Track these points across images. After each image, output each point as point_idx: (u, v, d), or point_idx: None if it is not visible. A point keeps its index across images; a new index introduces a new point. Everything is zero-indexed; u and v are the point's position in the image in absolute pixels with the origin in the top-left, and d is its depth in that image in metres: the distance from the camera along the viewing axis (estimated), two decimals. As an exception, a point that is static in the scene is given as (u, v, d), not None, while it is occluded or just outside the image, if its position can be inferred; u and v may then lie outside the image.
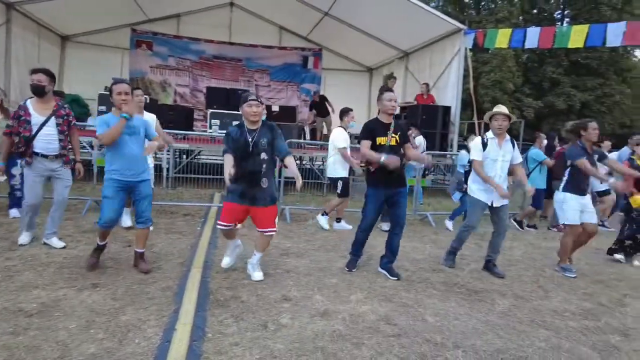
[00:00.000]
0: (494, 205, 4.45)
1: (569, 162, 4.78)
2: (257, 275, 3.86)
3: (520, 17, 29.76)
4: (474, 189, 4.52)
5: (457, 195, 6.56)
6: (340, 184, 5.84)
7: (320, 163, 9.41)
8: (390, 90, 4.42)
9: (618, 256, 5.38)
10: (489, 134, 4.49)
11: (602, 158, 4.94)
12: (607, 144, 7.81)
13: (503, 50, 25.48)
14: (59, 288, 3.35)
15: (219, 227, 3.84)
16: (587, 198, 4.79)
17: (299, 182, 3.70)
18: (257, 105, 3.69)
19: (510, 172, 4.72)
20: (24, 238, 4.34)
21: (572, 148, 4.80)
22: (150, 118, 5.13)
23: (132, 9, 11.92)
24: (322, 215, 6.07)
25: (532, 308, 3.66)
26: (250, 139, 3.68)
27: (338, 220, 6.11)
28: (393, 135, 4.11)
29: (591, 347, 3.02)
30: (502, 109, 4.44)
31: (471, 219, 4.61)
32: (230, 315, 3.11)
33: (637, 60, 32.75)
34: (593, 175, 4.70)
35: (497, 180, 4.40)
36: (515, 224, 6.97)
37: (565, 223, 4.79)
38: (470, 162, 4.84)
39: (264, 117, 5.16)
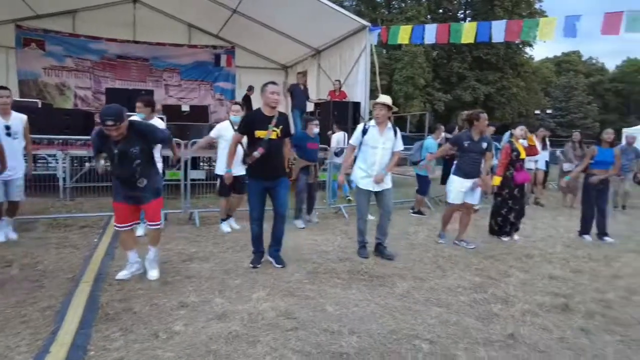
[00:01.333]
0: (376, 190, 4.65)
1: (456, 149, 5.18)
2: (153, 273, 3.80)
3: (428, 16, 31.69)
4: (357, 177, 4.69)
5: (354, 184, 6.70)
6: (218, 181, 5.58)
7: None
8: (274, 83, 4.32)
9: (504, 239, 5.79)
10: (372, 122, 4.68)
11: (489, 147, 5.31)
12: (490, 129, 8.53)
13: (414, 48, 27.00)
14: None
15: (115, 229, 3.86)
16: (470, 181, 5.16)
17: (177, 153, 3.72)
18: (116, 129, 3.39)
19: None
20: None
21: (458, 135, 5.20)
22: (19, 119, 4.71)
23: (14, 2, 10.69)
24: (221, 222, 5.81)
25: (429, 288, 3.86)
26: (115, 150, 3.55)
27: (223, 219, 5.84)
28: (274, 129, 4.11)
29: (476, 317, 3.25)
30: (381, 98, 4.64)
31: (359, 208, 4.79)
32: (118, 329, 2.89)
33: (528, 56, 36.43)
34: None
35: (378, 167, 4.61)
36: (416, 215, 7.34)
37: (448, 200, 5.27)
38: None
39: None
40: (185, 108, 10.97)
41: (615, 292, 3.88)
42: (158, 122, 5.21)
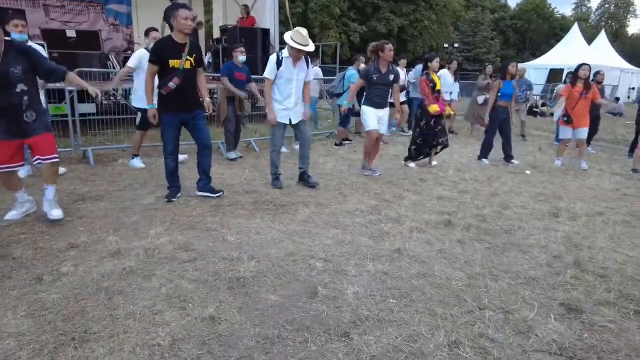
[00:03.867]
0: (292, 122, 4.65)
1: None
2: (56, 212, 3.49)
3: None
4: (274, 109, 4.59)
5: None
6: (139, 115, 5.30)
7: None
8: (187, 7, 4.06)
9: (411, 164, 6.21)
10: (284, 52, 4.50)
11: (396, 79, 5.41)
12: (402, 62, 8.79)
13: (329, -26, 25.90)
14: None
15: None
16: (383, 111, 5.34)
17: (93, 89, 3.39)
18: None
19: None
20: None
21: (366, 68, 5.23)
22: None
23: None
24: (133, 157, 5.52)
25: (330, 212, 4.05)
26: None
27: (136, 155, 5.55)
28: (188, 57, 3.89)
29: (369, 236, 3.52)
30: (300, 40, 4.33)
31: (274, 139, 4.76)
32: (-7, 277, 2.66)
33: (441, -12, 36.96)
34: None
35: (294, 99, 4.59)
36: (337, 147, 7.56)
37: (366, 130, 5.38)
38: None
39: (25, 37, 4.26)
40: (71, 34, 9.63)
41: (491, 208, 4.41)
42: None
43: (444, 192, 4.91)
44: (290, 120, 4.64)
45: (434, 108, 5.94)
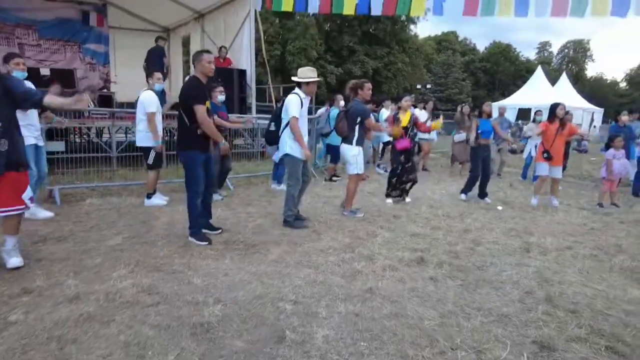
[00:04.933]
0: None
1: (359, 119, 5.23)
2: (14, 261, 3.27)
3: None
4: (294, 147, 4.64)
5: (277, 156, 6.59)
6: (152, 154, 5.33)
7: (108, 136, 8.33)
8: (209, 51, 4.25)
9: (388, 200, 6.26)
10: (301, 94, 4.63)
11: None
12: (387, 103, 9.10)
13: (306, 19, 26.97)
14: None
15: None
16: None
17: (82, 99, 3.17)
18: None
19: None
20: None
21: (360, 105, 5.28)
22: None
23: None
24: (149, 198, 5.48)
25: (303, 251, 3.98)
26: None
27: (149, 195, 5.54)
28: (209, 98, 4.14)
29: (341, 275, 3.45)
30: (313, 73, 4.71)
31: (297, 176, 4.76)
32: None
33: (413, 34, 38.92)
34: (377, 130, 5.27)
35: (306, 137, 4.74)
36: (329, 182, 7.69)
37: (358, 173, 5.32)
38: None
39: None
40: (45, 72, 9.60)
41: (463, 244, 4.42)
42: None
43: (417, 228, 4.92)
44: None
45: (396, 131, 6.00)
